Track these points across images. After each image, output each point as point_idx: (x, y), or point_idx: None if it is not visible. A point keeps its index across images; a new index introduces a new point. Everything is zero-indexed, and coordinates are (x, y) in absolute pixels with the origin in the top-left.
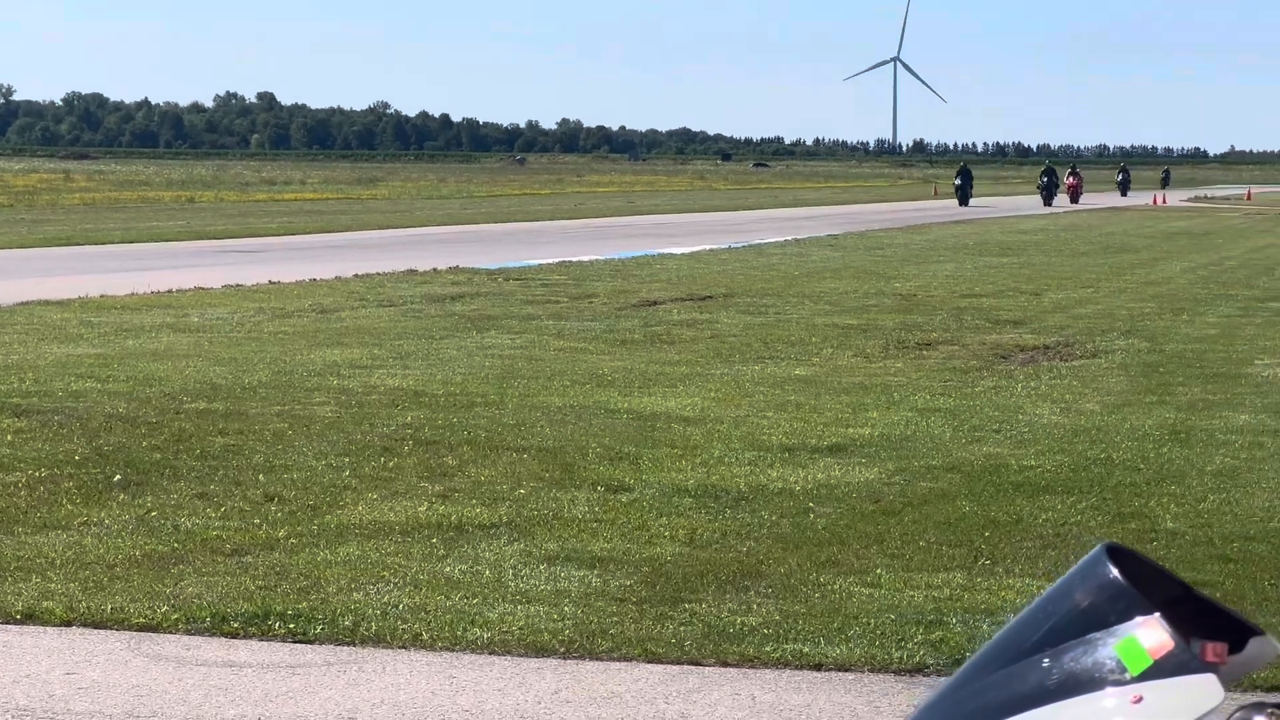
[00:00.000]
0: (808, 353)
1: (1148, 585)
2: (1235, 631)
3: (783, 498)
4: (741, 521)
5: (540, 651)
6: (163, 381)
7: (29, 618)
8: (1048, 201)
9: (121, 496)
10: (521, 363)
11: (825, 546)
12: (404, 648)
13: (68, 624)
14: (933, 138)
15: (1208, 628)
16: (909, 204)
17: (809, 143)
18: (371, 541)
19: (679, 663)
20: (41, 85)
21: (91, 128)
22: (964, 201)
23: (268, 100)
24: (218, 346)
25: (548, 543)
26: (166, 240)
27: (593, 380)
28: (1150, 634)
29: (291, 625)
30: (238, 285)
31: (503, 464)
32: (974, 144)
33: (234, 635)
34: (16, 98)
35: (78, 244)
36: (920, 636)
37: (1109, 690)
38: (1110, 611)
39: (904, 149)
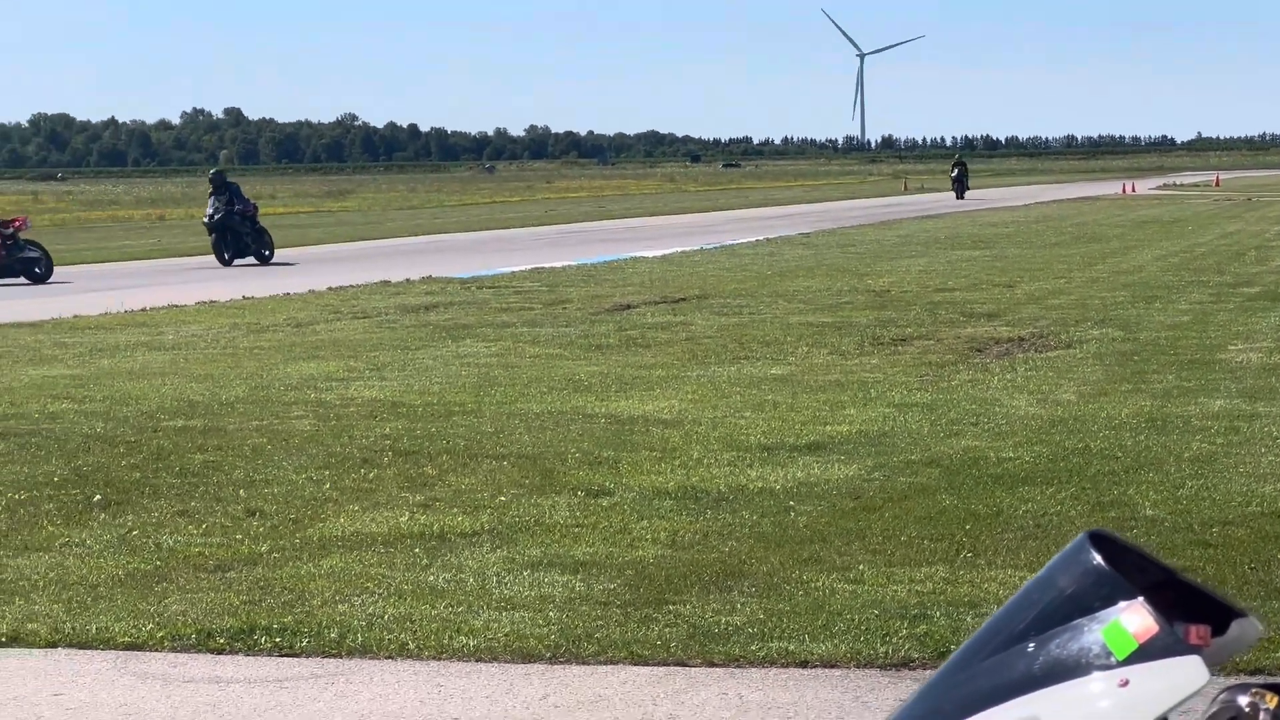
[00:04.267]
0: (783, 352)
1: (1131, 570)
2: (1218, 614)
3: (763, 497)
4: (723, 522)
5: (527, 657)
6: (139, 400)
7: (14, 640)
8: (960, 195)
9: (102, 516)
10: (498, 370)
11: (807, 544)
12: (391, 658)
13: (53, 645)
14: (901, 133)
15: (1191, 611)
16: (879, 200)
17: (777, 141)
18: (354, 553)
19: (665, 664)
20: (6, 107)
21: (59, 148)
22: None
23: (235, 115)
24: (193, 363)
25: (530, 549)
26: (138, 259)
27: (569, 386)
28: (1134, 618)
29: (278, 639)
30: (211, 301)
31: (483, 472)
32: (942, 138)
33: (220, 651)
34: None
35: None
36: (905, 631)
37: (1095, 675)
38: (1095, 597)
39: (873, 145)
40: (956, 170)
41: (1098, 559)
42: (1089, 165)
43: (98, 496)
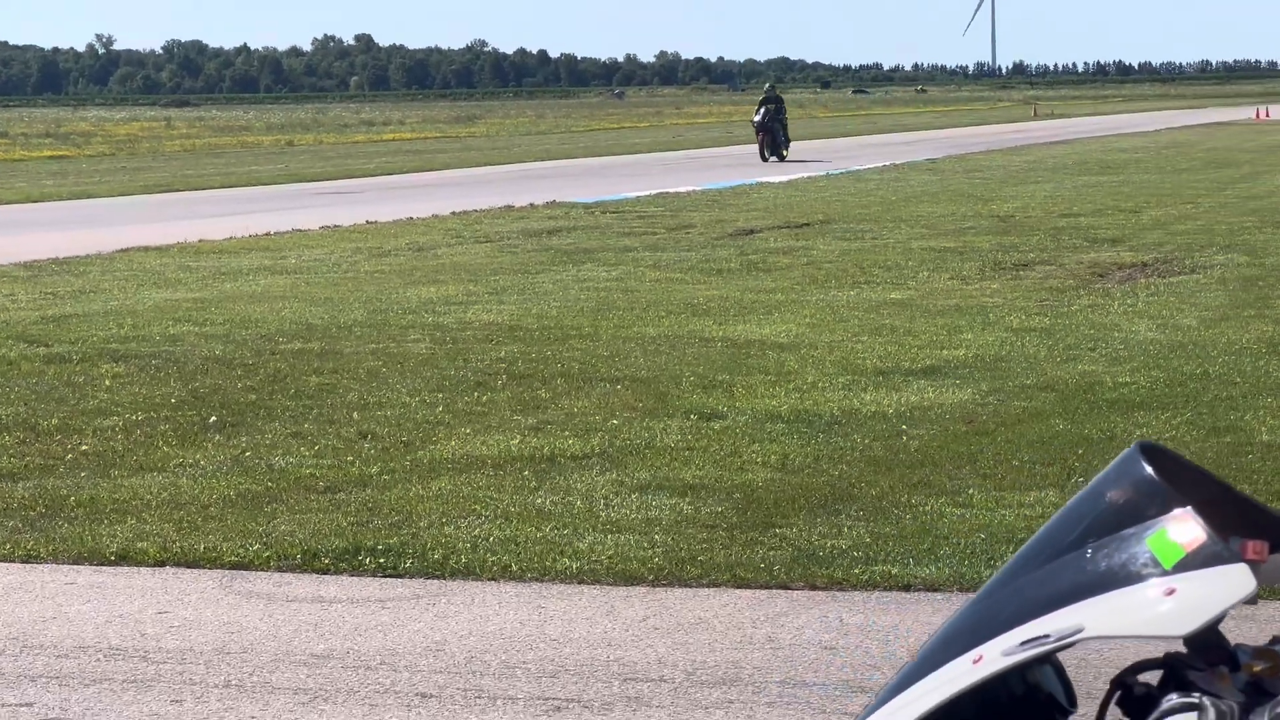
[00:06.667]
0: (903, 277)
1: (1184, 483)
2: (1277, 530)
3: (875, 421)
4: (834, 445)
5: (630, 580)
6: (259, 323)
7: (123, 559)
8: (770, 152)
9: (216, 438)
10: (617, 295)
11: (917, 468)
12: (494, 579)
13: (161, 564)
14: (1033, 59)
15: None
16: (1008, 126)
17: (908, 68)
18: (463, 476)
19: (767, 587)
20: (141, 34)
21: (192, 75)
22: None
23: (365, 42)
24: (314, 287)
25: (639, 472)
26: (265, 184)
27: (688, 310)
28: (1182, 527)
29: (382, 560)
30: (334, 226)
31: (596, 395)
32: (1074, 64)
33: (324, 571)
34: (117, 47)
35: (177, 190)
36: (1011, 555)
37: (1142, 583)
38: (1143, 507)
39: (1003, 71)
40: (762, 111)
41: (1148, 469)
42: (1223, 91)
43: (213, 418)
